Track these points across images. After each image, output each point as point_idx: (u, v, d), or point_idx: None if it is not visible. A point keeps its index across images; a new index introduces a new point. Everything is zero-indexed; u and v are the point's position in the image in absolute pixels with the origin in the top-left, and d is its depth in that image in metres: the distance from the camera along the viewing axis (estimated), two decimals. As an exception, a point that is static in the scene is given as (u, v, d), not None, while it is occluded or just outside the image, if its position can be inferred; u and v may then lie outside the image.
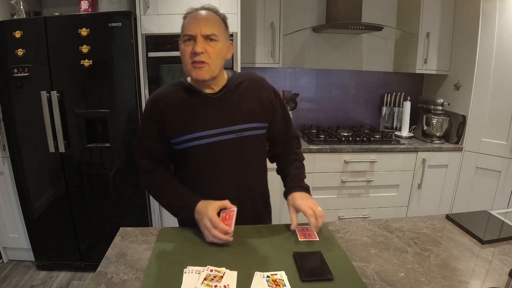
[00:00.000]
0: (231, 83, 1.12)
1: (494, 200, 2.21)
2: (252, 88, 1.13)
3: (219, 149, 1.08)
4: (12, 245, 2.35)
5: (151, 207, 2.25)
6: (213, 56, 1.02)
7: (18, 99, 1.99)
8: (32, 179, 2.11)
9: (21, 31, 1.88)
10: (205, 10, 1.05)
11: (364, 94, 2.84)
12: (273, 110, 1.17)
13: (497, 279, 0.85)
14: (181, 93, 1.10)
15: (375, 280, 0.84)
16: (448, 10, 2.39)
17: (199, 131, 1.07)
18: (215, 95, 1.09)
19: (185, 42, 1.02)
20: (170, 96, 1.10)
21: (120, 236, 1.05)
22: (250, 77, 1.17)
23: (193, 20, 1.02)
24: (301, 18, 2.60)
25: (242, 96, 1.11)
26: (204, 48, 0.99)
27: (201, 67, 1.01)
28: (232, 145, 1.09)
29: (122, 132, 2.06)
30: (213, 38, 1.01)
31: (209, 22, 1.02)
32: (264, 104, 1.14)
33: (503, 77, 2.11)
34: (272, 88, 1.19)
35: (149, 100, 1.12)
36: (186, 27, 1.02)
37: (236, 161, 1.10)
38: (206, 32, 1.00)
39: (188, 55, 1.01)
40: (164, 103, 1.09)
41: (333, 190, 2.36)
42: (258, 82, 1.16)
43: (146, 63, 2.02)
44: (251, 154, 1.14)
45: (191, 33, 1.00)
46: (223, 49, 1.05)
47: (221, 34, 1.04)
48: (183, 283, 0.80)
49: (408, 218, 1.20)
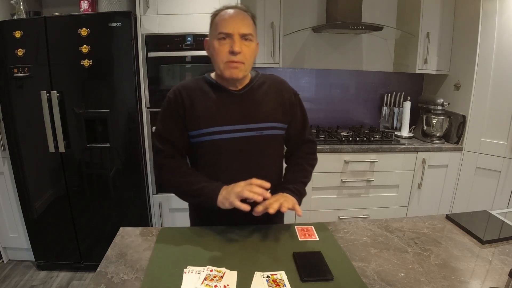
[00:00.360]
0: (254, 82, 1.13)
1: (494, 200, 2.21)
2: (274, 89, 1.15)
3: (238, 146, 1.08)
4: (12, 245, 2.35)
5: (151, 207, 2.25)
6: (248, 56, 1.04)
7: (18, 99, 1.99)
8: (32, 179, 2.11)
9: (21, 31, 1.88)
10: (238, 9, 1.06)
11: (364, 94, 2.84)
12: (293, 112, 1.18)
13: (497, 279, 0.85)
14: (205, 87, 1.11)
15: (375, 280, 0.84)
16: (448, 10, 2.39)
17: (220, 125, 1.07)
18: (239, 91, 1.11)
19: (220, 40, 1.02)
20: (193, 89, 1.11)
21: (120, 236, 1.05)
22: (273, 78, 1.19)
23: (230, 18, 1.02)
24: (301, 18, 2.60)
25: (264, 95, 1.12)
26: (241, 48, 1.01)
27: (237, 67, 1.02)
28: (252, 143, 1.09)
29: (122, 132, 2.06)
30: (249, 38, 1.03)
31: (245, 21, 1.03)
32: (285, 105, 1.15)
33: (503, 77, 2.11)
34: (293, 90, 1.20)
35: (173, 91, 1.12)
36: (222, 25, 1.02)
37: (254, 159, 1.11)
38: (243, 31, 1.01)
39: (223, 54, 1.02)
40: (187, 95, 1.09)
41: (333, 190, 2.36)
42: (280, 84, 1.18)
43: (146, 63, 2.02)
44: (269, 153, 1.14)
45: (228, 32, 1.01)
46: (256, 49, 1.08)
47: (254, 34, 1.06)
48: (183, 283, 0.80)
49: (408, 218, 1.21)
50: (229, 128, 1.07)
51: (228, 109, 1.09)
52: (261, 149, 1.11)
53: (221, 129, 1.07)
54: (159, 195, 2.23)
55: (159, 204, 2.24)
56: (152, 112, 2.10)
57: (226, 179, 1.09)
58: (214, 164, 1.11)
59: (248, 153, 1.09)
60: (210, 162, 1.11)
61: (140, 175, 2.12)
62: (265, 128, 1.11)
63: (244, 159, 1.10)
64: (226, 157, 1.09)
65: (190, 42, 2.02)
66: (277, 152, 1.19)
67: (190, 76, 2.08)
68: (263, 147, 1.12)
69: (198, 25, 2.01)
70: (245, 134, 1.08)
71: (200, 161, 1.14)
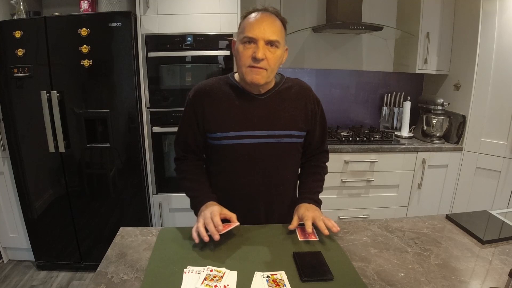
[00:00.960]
0: (278, 87, 1.11)
1: (494, 200, 2.21)
2: (298, 96, 1.13)
3: (256, 152, 1.07)
4: (12, 245, 2.35)
5: (151, 207, 2.25)
6: (272, 63, 1.00)
7: (18, 99, 1.99)
8: (32, 179, 2.11)
9: (21, 31, 1.88)
10: (268, 12, 1.02)
11: (364, 94, 2.84)
12: (314, 122, 1.16)
13: (497, 279, 0.85)
14: (226, 89, 1.09)
15: (375, 280, 0.84)
16: (448, 10, 2.39)
17: (240, 130, 1.06)
18: (261, 96, 1.08)
19: (245, 44, 0.99)
20: (215, 90, 1.09)
21: (120, 236, 1.05)
22: (299, 84, 1.16)
23: (257, 23, 0.98)
24: (301, 18, 2.60)
25: (287, 102, 1.10)
26: (264, 55, 0.98)
27: (259, 72, 1.00)
28: (271, 150, 1.08)
29: (122, 132, 2.06)
30: (275, 45, 1.00)
31: (272, 27, 0.99)
32: (307, 114, 1.13)
33: (503, 77, 2.11)
34: (317, 99, 1.18)
35: (193, 91, 1.11)
36: (248, 28, 0.99)
37: (271, 166, 1.10)
38: (269, 37, 0.98)
39: (246, 58, 0.99)
40: (208, 96, 1.08)
41: (333, 190, 2.36)
42: (305, 91, 1.15)
43: (146, 63, 2.02)
44: (287, 160, 1.13)
45: (253, 36, 0.98)
46: (281, 56, 1.04)
47: (282, 40, 1.02)
48: (183, 283, 0.80)
49: (408, 218, 1.20)
50: (248, 134, 1.06)
51: (248, 114, 1.06)
52: (279, 157, 1.10)
53: (238, 134, 1.06)
54: (159, 195, 2.23)
55: (159, 204, 2.24)
56: (152, 112, 2.10)
57: (242, 184, 1.10)
58: (230, 168, 1.10)
59: (266, 160, 1.08)
60: (226, 166, 1.11)
61: (140, 175, 2.12)
62: (285, 136, 1.09)
63: (261, 165, 1.09)
64: (243, 163, 1.08)
65: (190, 42, 2.02)
66: (294, 160, 1.17)
67: (190, 76, 2.08)
68: (281, 154, 1.10)
69: (198, 25, 2.01)
70: (264, 140, 1.07)
71: (217, 164, 1.14)
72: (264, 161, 1.08)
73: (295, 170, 1.21)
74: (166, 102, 2.09)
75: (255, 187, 1.10)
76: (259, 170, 1.09)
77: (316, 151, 1.24)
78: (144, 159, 2.14)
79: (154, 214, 2.26)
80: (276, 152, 1.09)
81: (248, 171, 1.09)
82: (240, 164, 1.09)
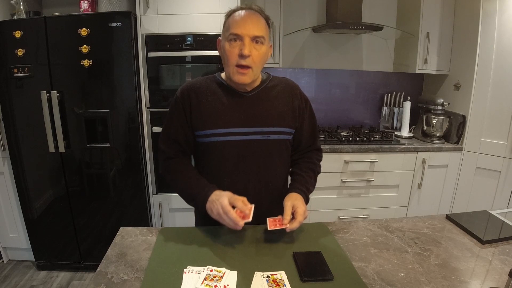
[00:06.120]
0: (264, 84, 1.12)
1: (494, 200, 2.21)
2: (285, 93, 1.13)
3: (244, 148, 1.08)
4: (12, 245, 2.35)
5: (151, 207, 2.25)
6: (257, 60, 1.02)
7: (18, 99, 1.99)
8: (32, 179, 2.11)
9: (21, 31, 1.88)
10: (253, 10, 1.03)
11: (364, 94, 2.84)
12: (302, 119, 1.17)
13: (497, 279, 0.85)
14: (213, 87, 1.10)
15: (375, 280, 0.84)
16: (448, 10, 2.39)
17: (227, 127, 1.06)
18: (248, 93, 1.10)
19: (231, 41, 1.01)
20: (202, 88, 1.10)
21: (120, 236, 1.05)
22: (285, 81, 1.17)
23: (242, 20, 1.00)
24: (301, 18, 2.60)
25: (274, 99, 1.11)
26: (250, 51, 0.99)
27: (245, 73, 1.01)
28: (258, 146, 1.08)
29: (122, 132, 2.06)
30: (260, 41, 1.01)
31: (257, 24, 1.01)
32: (295, 110, 1.14)
33: (503, 77, 2.11)
34: (305, 97, 1.19)
35: (181, 89, 1.12)
36: (234, 26, 1.00)
37: (259, 163, 1.10)
38: (254, 33, 0.99)
39: (233, 56, 1.00)
40: (195, 94, 1.09)
41: (333, 190, 2.36)
42: (292, 89, 1.16)
43: (146, 63, 2.02)
44: (275, 157, 1.13)
45: (239, 33, 0.99)
46: (266, 53, 1.05)
47: (267, 37, 1.04)
48: (183, 283, 0.80)
49: (408, 218, 1.20)
50: (234, 131, 1.06)
51: (235, 111, 1.07)
52: (267, 154, 1.10)
53: (226, 131, 1.06)
54: (159, 195, 2.23)
55: (159, 204, 2.24)
56: (152, 112, 2.10)
57: (231, 181, 1.09)
58: (218, 166, 1.10)
59: (254, 157, 1.08)
60: (214, 164, 1.11)
61: (140, 175, 2.12)
62: (272, 133, 1.09)
63: (249, 162, 1.09)
64: (230, 160, 1.08)
65: (190, 42, 2.02)
66: (283, 157, 1.17)
67: (190, 76, 2.08)
68: (269, 151, 1.10)
69: (198, 25, 2.01)
70: (251, 137, 1.07)
71: (204, 162, 1.14)
72: (252, 158, 1.09)
73: (284, 168, 1.20)
74: (166, 102, 2.09)
75: (243, 185, 1.10)
76: (247, 167, 1.09)
77: (308, 149, 1.24)
78: (144, 159, 2.14)
79: (154, 214, 2.26)
80: (264, 149, 1.09)
81: (236, 168, 1.09)
82: (228, 161, 1.09)
